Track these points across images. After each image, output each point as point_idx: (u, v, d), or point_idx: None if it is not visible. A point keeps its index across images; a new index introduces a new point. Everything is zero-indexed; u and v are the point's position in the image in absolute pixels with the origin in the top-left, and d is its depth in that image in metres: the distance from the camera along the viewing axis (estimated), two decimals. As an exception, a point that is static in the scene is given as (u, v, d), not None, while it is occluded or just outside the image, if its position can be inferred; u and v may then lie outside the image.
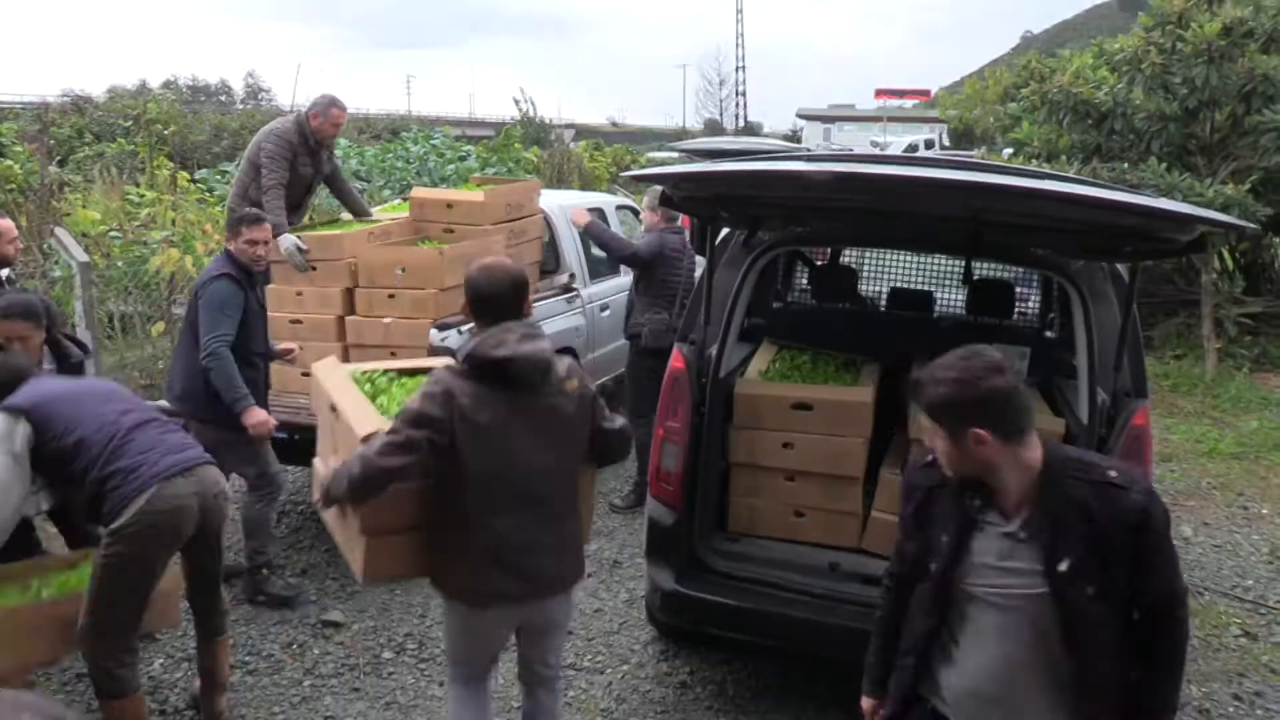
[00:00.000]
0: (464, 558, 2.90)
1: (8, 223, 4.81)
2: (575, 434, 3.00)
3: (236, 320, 4.52)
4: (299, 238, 5.55)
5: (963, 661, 2.26)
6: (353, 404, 3.09)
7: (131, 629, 3.40)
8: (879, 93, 64.33)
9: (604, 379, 7.08)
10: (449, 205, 6.11)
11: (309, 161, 6.09)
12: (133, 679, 3.43)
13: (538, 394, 2.89)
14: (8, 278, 4.86)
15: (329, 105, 6.05)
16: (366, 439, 2.81)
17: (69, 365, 4.21)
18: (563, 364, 3.01)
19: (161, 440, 3.41)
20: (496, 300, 2.92)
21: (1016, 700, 2.21)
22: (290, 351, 5.08)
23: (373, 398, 3.21)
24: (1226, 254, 10.33)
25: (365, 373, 3.41)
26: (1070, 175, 6.84)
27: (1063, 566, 2.07)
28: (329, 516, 3.11)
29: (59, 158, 14.63)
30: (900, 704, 2.39)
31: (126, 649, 3.39)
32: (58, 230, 6.68)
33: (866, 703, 2.52)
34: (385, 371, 3.44)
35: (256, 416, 4.48)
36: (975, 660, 2.23)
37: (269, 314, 5.02)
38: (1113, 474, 2.11)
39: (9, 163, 9.07)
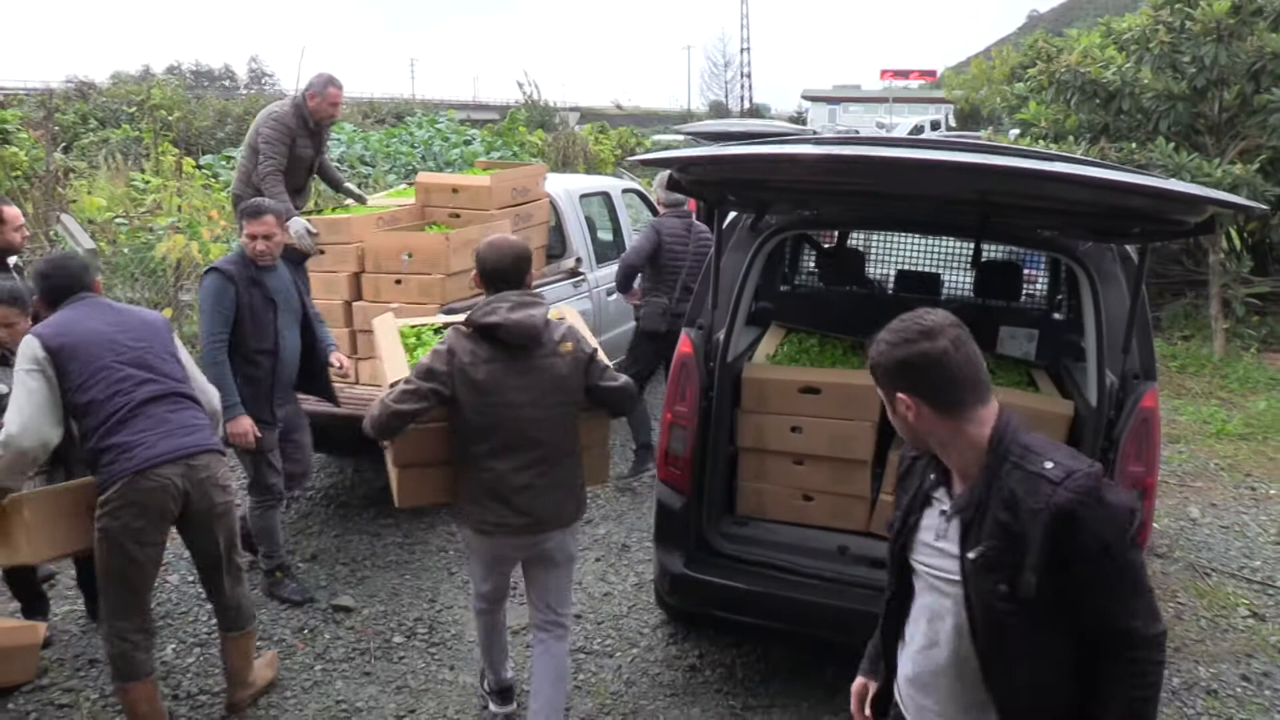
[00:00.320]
0: (472, 493, 3.36)
1: (14, 210, 4.81)
2: (568, 391, 3.37)
3: (228, 317, 4.33)
4: (309, 220, 5.55)
5: (909, 642, 2.16)
6: (390, 356, 3.63)
7: (139, 607, 3.44)
8: (884, 73, 63.93)
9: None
10: (455, 190, 6.12)
11: (309, 143, 6.09)
12: (146, 662, 3.46)
13: (531, 355, 3.30)
14: (15, 266, 4.87)
15: (325, 85, 6.03)
16: (393, 386, 3.28)
17: None
18: (559, 329, 3.40)
19: (167, 419, 3.40)
20: (500, 272, 3.34)
21: (942, 694, 2.06)
22: (341, 365, 4.83)
23: (413, 350, 3.70)
24: (1234, 234, 10.29)
25: (414, 327, 3.97)
26: (1077, 156, 6.81)
27: (972, 554, 1.91)
28: (386, 452, 3.56)
29: (64, 144, 14.64)
30: (880, 678, 2.30)
31: (139, 629, 3.43)
32: (64, 217, 6.71)
33: (856, 683, 2.36)
34: (433, 325, 3.96)
35: (238, 426, 4.30)
36: (913, 642, 2.13)
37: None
38: (1048, 465, 1.86)
39: (14, 149, 9.06)
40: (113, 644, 3.42)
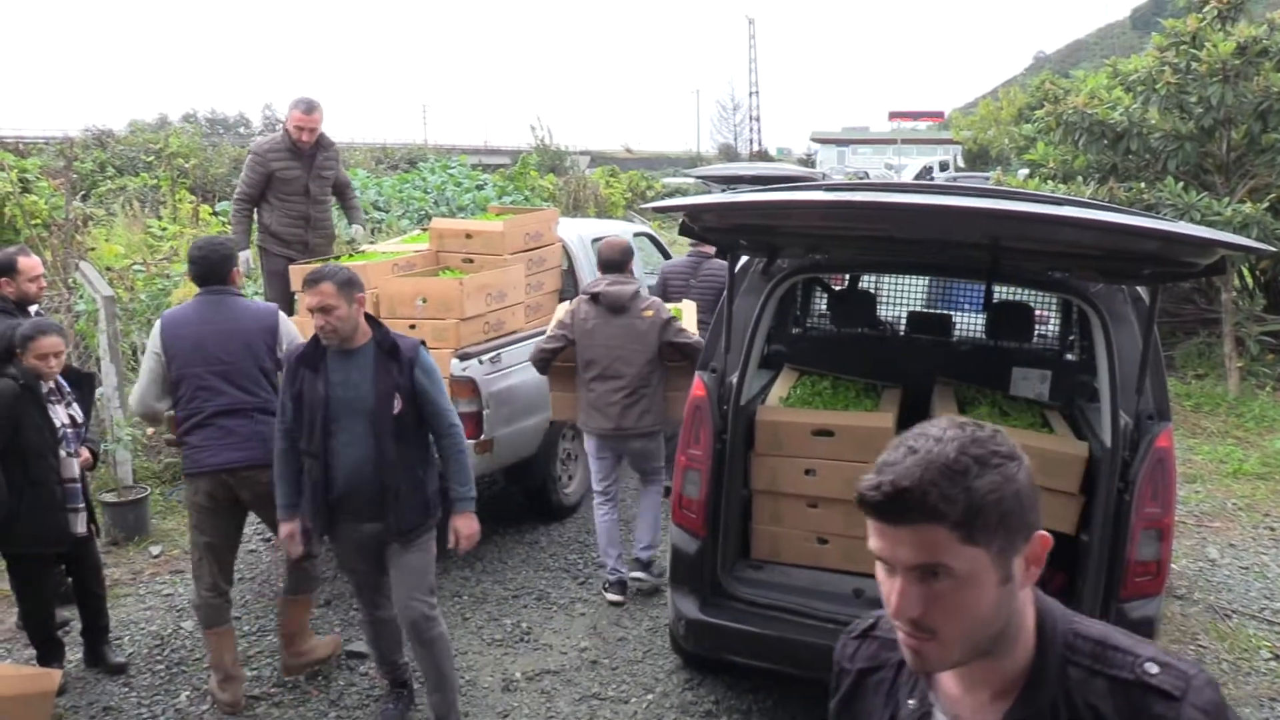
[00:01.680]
0: (584, 406, 5.09)
1: (30, 260, 4.87)
2: (647, 342, 4.96)
3: (283, 403, 3.75)
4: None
5: None
6: (553, 321, 5.31)
7: (208, 575, 4.12)
8: (893, 115, 64.52)
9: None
10: (468, 235, 6.17)
11: (296, 165, 6.32)
12: (218, 614, 4.15)
13: (621, 315, 4.97)
14: (35, 314, 4.92)
15: (292, 108, 6.35)
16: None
17: (88, 384, 4.59)
18: (646, 300, 5.04)
19: (233, 433, 4.01)
20: (610, 261, 5.15)
21: None
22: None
23: None
24: (1246, 272, 10.28)
25: None
26: (1086, 198, 6.83)
27: None
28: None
29: (82, 192, 14.83)
30: None
31: (211, 590, 4.13)
32: (82, 265, 6.76)
33: None
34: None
35: (283, 530, 3.83)
36: None
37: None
38: (1152, 669, 1.25)
39: (34, 198, 9.17)
40: (197, 597, 4.19)
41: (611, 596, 5.19)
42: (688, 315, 5.39)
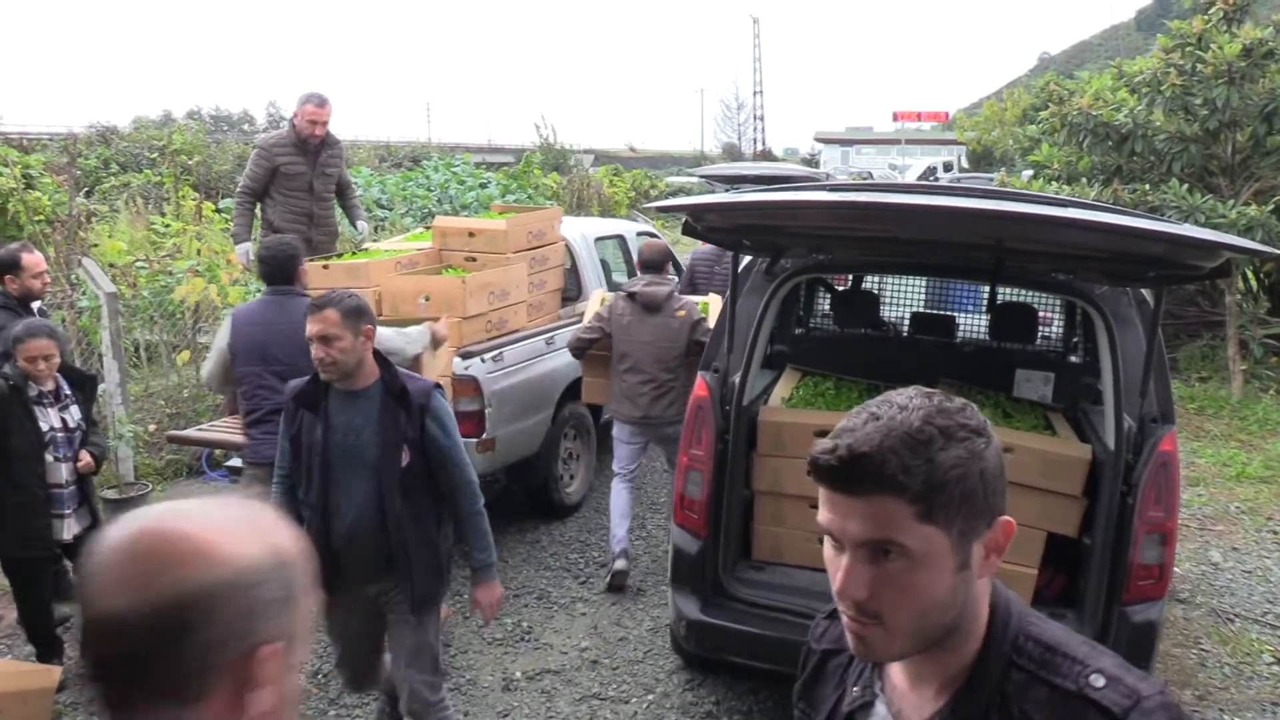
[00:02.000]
0: (616, 394, 5.42)
1: (34, 257, 4.87)
2: (676, 339, 5.29)
3: (282, 446, 3.37)
4: (324, 266, 5.59)
5: None
6: (590, 310, 5.72)
7: None
8: (897, 115, 64.41)
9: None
10: (471, 234, 6.16)
11: (301, 161, 6.28)
12: None
13: (656, 314, 5.29)
14: (39, 310, 4.93)
15: (303, 102, 6.31)
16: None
17: (90, 385, 4.52)
18: (680, 300, 5.39)
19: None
20: (649, 262, 5.50)
21: None
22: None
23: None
24: (1250, 275, 10.26)
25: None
26: (1091, 200, 6.82)
27: None
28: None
29: (86, 188, 14.84)
30: None
31: None
32: (85, 261, 6.76)
33: None
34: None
35: None
36: None
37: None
38: (1098, 682, 1.13)
39: (38, 194, 9.17)
40: None
41: (617, 565, 5.31)
42: (714, 311, 5.54)
